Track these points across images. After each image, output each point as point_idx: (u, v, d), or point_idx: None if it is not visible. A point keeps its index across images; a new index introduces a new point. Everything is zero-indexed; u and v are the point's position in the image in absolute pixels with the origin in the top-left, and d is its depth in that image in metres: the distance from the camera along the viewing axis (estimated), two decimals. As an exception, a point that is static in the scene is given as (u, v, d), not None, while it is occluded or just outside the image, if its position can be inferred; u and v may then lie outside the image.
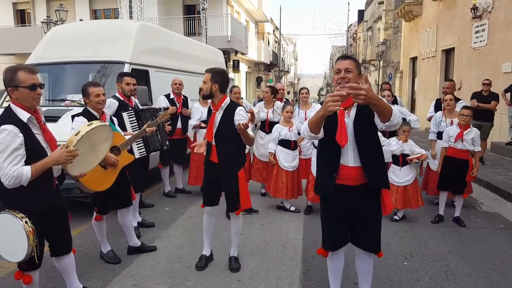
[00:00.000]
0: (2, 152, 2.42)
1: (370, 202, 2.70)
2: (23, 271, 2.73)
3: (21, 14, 21.50)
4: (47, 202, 2.67)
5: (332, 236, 2.82)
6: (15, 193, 2.53)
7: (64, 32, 6.91)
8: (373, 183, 2.65)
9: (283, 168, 5.35)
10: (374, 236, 2.75)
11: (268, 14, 30.19)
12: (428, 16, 15.89)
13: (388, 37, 24.88)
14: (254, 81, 29.41)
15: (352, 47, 43.52)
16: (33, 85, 2.53)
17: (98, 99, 3.55)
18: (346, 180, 2.67)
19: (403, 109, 5.71)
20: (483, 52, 11.00)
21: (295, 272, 3.71)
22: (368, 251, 2.81)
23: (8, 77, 2.52)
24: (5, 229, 2.54)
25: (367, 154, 2.63)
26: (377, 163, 2.69)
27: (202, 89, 3.62)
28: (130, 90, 4.66)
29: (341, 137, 2.58)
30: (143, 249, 4.13)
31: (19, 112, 2.53)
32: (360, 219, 2.71)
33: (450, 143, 4.94)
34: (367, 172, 2.63)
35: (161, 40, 7.61)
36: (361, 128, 2.59)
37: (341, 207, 2.72)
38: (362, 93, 2.20)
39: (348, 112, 2.64)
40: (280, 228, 4.86)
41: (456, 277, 3.61)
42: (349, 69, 2.57)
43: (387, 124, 2.45)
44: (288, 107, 5.39)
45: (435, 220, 5.05)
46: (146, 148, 4.52)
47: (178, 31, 16.00)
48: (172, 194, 6.33)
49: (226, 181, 3.64)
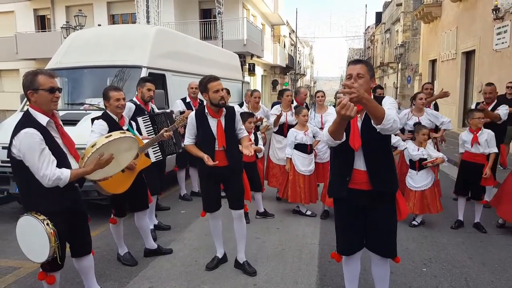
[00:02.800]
0: (32, 155, 2.49)
1: (384, 206, 2.67)
2: (46, 271, 2.77)
3: (41, 20, 22.02)
4: (69, 203, 2.72)
5: (346, 240, 2.80)
6: (37, 194, 2.60)
7: (83, 37, 7.04)
8: (376, 187, 2.61)
9: (299, 173, 5.31)
10: (388, 241, 2.71)
11: (284, 17, 30.19)
12: (447, 18, 15.64)
13: (406, 39, 24.60)
14: (269, 84, 29.41)
15: (369, 49, 43.16)
16: (52, 88, 2.60)
17: (118, 103, 3.61)
18: (359, 184, 2.64)
19: (434, 112, 5.62)
20: (505, 54, 10.76)
21: (311, 277, 3.67)
22: (382, 256, 2.76)
23: (28, 80, 2.59)
24: (28, 231, 2.61)
25: (373, 157, 2.61)
26: (383, 166, 2.64)
27: (225, 99, 3.74)
28: (149, 96, 4.71)
29: (354, 140, 2.55)
30: (160, 251, 4.15)
31: (38, 116, 2.60)
32: (374, 223, 2.69)
33: (465, 148, 4.91)
34: (371, 175, 2.60)
35: (178, 45, 7.69)
36: (369, 131, 2.53)
37: (355, 211, 2.70)
38: (354, 91, 2.17)
39: (361, 115, 2.60)
40: (297, 233, 4.83)
41: (476, 285, 3.52)
42: (360, 74, 2.52)
43: (380, 127, 2.38)
44: (303, 111, 5.35)
45: (455, 226, 4.94)
46: (161, 152, 4.58)
47: (194, 35, 16.13)
48: (188, 197, 6.36)
49: (235, 182, 3.73)
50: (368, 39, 42.57)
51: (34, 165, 2.50)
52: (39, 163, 2.48)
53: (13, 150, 2.55)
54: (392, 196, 2.74)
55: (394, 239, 2.73)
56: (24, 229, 2.64)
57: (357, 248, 2.80)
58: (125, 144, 3.04)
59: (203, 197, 3.87)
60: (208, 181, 3.73)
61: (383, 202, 2.67)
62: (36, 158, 2.48)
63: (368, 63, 2.65)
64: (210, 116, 3.61)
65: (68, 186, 2.66)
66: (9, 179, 5.09)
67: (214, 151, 3.59)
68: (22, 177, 2.61)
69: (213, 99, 3.53)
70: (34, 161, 2.49)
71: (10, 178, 5.09)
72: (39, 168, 2.49)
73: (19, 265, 3.94)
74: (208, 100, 3.58)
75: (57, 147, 2.64)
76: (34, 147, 2.49)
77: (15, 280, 3.61)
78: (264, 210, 5.44)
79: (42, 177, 2.50)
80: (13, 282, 3.58)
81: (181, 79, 7.20)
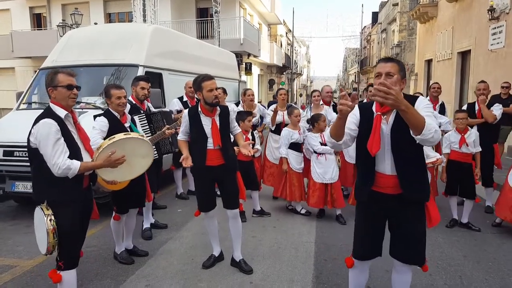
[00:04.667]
0: (46, 143, 2.62)
1: (411, 212, 2.50)
2: (59, 270, 2.78)
3: (37, 18, 21.91)
4: (77, 195, 2.78)
5: (364, 244, 2.66)
6: (47, 183, 2.71)
7: (79, 36, 7.02)
8: (408, 194, 2.44)
9: (295, 171, 5.34)
10: (413, 246, 2.55)
11: (281, 17, 30.18)
12: (443, 18, 15.70)
13: (402, 39, 24.66)
14: (266, 83, 29.41)
15: (366, 49, 43.24)
16: (70, 85, 2.77)
17: (119, 101, 3.66)
18: (384, 188, 2.50)
19: (434, 113, 5.59)
20: (500, 54, 10.81)
21: (307, 275, 3.69)
22: (405, 262, 2.61)
23: (49, 78, 2.77)
24: (37, 222, 2.77)
25: (404, 163, 2.43)
26: (416, 173, 2.47)
27: (219, 98, 3.72)
28: (144, 94, 4.72)
29: (372, 144, 2.39)
30: (135, 252, 4.09)
31: (57, 109, 2.76)
32: (399, 227, 2.55)
33: (452, 148, 4.95)
34: (402, 182, 2.44)
35: (175, 43, 7.68)
36: (400, 135, 2.33)
37: (377, 215, 2.58)
38: (390, 97, 2.02)
39: (386, 117, 2.43)
40: (292, 231, 4.85)
41: (471, 283, 3.55)
42: (390, 73, 2.34)
43: (419, 138, 2.20)
44: (295, 111, 5.35)
45: (450, 225, 4.98)
46: (157, 151, 4.60)
47: (191, 34, 16.12)
48: (184, 196, 6.36)
49: (230, 181, 3.73)
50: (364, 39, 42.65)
51: (47, 153, 2.61)
52: (53, 152, 2.61)
53: (31, 138, 2.68)
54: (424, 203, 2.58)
55: (421, 246, 2.57)
56: (36, 219, 2.78)
57: (373, 254, 2.66)
58: (143, 148, 3.11)
59: (197, 196, 3.85)
60: (203, 180, 3.73)
61: (413, 207, 2.51)
62: (51, 147, 2.61)
63: (400, 62, 2.47)
64: (203, 114, 3.61)
65: (77, 179, 2.74)
66: (5, 177, 5.08)
67: (206, 150, 3.60)
68: (36, 164, 2.73)
69: (207, 98, 3.54)
70: (48, 149, 2.61)
71: (6, 176, 5.08)
72: (51, 156, 2.61)
73: (15, 263, 3.94)
74: (202, 99, 3.58)
75: (72, 140, 2.77)
76: (50, 136, 2.61)
77: (11, 279, 3.61)
78: (260, 208, 5.46)
79: (53, 165, 2.61)
80: (9, 281, 3.58)
81: (177, 78, 7.20)
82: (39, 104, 6.09)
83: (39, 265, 3.88)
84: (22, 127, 2.81)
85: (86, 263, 3.85)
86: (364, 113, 2.53)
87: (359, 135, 2.53)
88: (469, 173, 4.89)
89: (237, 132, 3.83)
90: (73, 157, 2.69)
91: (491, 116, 5.41)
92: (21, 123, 4.49)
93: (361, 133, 2.51)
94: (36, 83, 6.41)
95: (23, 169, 4.80)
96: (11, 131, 5.17)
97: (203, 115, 3.61)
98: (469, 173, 4.89)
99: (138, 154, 3.10)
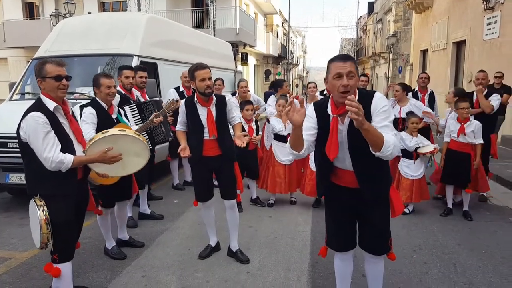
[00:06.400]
0: (36, 137, 2.57)
1: (375, 204, 2.51)
2: (54, 263, 2.75)
3: (29, 7, 21.63)
4: (70, 189, 2.74)
5: (335, 236, 2.68)
6: (39, 177, 2.67)
7: (73, 25, 6.93)
8: (368, 192, 2.44)
9: (280, 163, 5.29)
10: (379, 240, 2.60)
11: (277, 6, 30.01)
12: (439, 8, 15.66)
13: (398, 29, 24.62)
14: (262, 74, 29.31)
15: (361, 39, 43.12)
16: (58, 76, 2.67)
17: (108, 90, 3.56)
18: (345, 183, 2.51)
19: (418, 103, 5.60)
20: (494, 44, 10.83)
21: (303, 264, 3.71)
22: (373, 254, 2.65)
23: (37, 68, 2.70)
24: (31, 215, 2.72)
25: (363, 162, 2.39)
26: (373, 171, 2.43)
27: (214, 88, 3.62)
28: (129, 83, 4.68)
29: (330, 149, 2.35)
30: (131, 243, 4.08)
31: (47, 101, 2.68)
32: (364, 221, 2.58)
33: (452, 137, 4.97)
34: (360, 180, 2.42)
35: (170, 33, 7.61)
36: (358, 136, 2.20)
37: (344, 208, 2.58)
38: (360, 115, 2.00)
39: (342, 118, 2.37)
40: (289, 221, 4.87)
41: (465, 270, 3.59)
42: (352, 73, 2.25)
43: (378, 155, 2.21)
44: (280, 101, 5.24)
45: (444, 213, 5.02)
46: (151, 141, 4.55)
47: (187, 23, 15.96)
48: (180, 187, 6.36)
49: (227, 171, 3.70)
50: (360, 29, 42.55)
51: (38, 147, 2.57)
52: (43, 146, 2.56)
53: (21, 133, 2.63)
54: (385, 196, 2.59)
55: (386, 237, 2.61)
56: (30, 213, 2.74)
57: (348, 246, 2.67)
58: (137, 146, 3.01)
59: (195, 186, 3.85)
60: (200, 170, 3.72)
61: (377, 200, 2.52)
62: (40, 141, 2.56)
63: (355, 60, 2.40)
64: (199, 104, 3.58)
65: (70, 172, 2.69)
66: (-3, 169, 5.04)
67: (203, 140, 3.57)
68: (27, 158, 2.69)
69: (199, 88, 3.49)
70: (38, 144, 2.56)
71: (0, 168, 5.04)
72: (42, 150, 2.56)
73: (10, 255, 3.93)
74: (196, 88, 3.55)
75: (63, 132, 2.71)
76: (38, 129, 2.55)
77: (6, 271, 3.60)
78: (257, 197, 5.48)
79: (45, 159, 2.57)
80: (4, 273, 3.57)
81: (173, 68, 7.14)
82: (32, 94, 6.04)
83: (34, 257, 3.87)
84: (15, 118, 2.75)
85: (82, 254, 3.84)
86: (320, 115, 2.46)
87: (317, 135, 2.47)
88: (466, 163, 4.87)
89: (236, 122, 3.75)
90: (65, 150, 2.63)
91: (489, 106, 5.36)
92: (14, 114, 4.41)
93: (318, 134, 2.46)
94: (29, 73, 6.34)
95: (17, 161, 4.75)
96: (4, 122, 5.11)
97: (199, 105, 3.58)
98: (466, 163, 4.87)
99: (132, 152, 2.99)
